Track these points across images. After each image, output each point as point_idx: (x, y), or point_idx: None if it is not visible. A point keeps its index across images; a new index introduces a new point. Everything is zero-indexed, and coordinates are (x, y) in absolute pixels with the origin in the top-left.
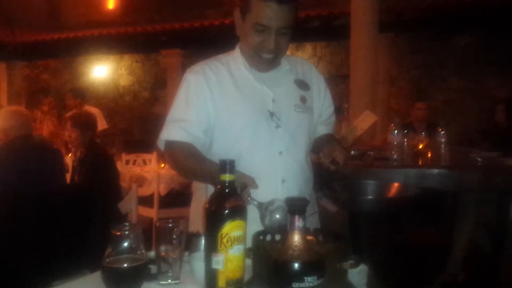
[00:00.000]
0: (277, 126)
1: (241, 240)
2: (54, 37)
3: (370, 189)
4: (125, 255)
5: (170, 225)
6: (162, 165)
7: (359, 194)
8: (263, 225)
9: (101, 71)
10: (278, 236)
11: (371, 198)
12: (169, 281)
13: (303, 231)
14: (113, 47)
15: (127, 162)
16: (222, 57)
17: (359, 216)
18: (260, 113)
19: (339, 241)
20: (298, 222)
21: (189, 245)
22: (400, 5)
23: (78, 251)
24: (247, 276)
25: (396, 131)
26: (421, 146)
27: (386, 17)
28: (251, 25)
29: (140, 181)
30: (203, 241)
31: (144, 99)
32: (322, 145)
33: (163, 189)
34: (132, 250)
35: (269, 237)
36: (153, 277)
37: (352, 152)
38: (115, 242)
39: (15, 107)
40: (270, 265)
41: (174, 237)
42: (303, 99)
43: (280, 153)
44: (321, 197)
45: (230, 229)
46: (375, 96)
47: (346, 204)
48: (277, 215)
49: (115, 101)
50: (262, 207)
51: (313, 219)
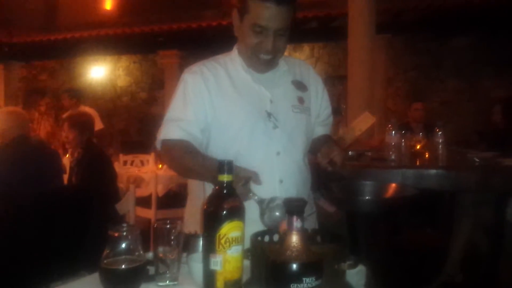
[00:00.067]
0: (275, 127)
1: (239, 241)
2: (51, 38)
3: (367, 189)
4: (123, 256)
5: (168, 226)
6: (160, 166)
7: (356, 194)
8: (262, 222)
9: (99, 72)
10: (276, 237)
11: (369, 199)
12: (167, 282)
13: (301, 231)
14: (111, 48)
15: (125, 163)
16: (220, 57)
17: (357, 217)
18: (257, 113)
19: (337, 241)
20: (296, 223)
21: (187, 246)
22: (397, 7)
23: (76, 252)
24: (245, 277)
25: (393, 132)
26: (418, 147)
27: (383, 18)
28: (249, 26)
29: (138, 182)
30: (201, 242)
31: (141, 99)
32: (319, 146)
33: (161, 190)
34: (130, 251)
35: (267, 238)
36: (151, 278)
37: (350, 153)
38: (113, 243)
39: (12, 108)
40: (268, 266)
41: (172, 238)
42: (300, 100)
43: (278, 153)
44: (319, 198)
45: (228, 230)
46: (372, 96)
47: (344, 204)
48: (277, 212)
49: (112, 102)
50: (263, 203)
51: (311, 220)
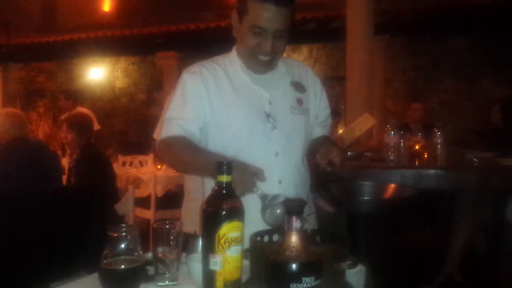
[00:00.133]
0: (273, 128)
1: (238, 241)
2: (50, 39)
3: (367, 190)
4: (122, 257)
5: (167, 226)
6: (159, 167)
7: (356, 195)
8: (262, 217)
9: (97, 73)
10: (276, 237)
11: (368, 199)
12: (167, 282)
13: (300, 232)
14: (109, 49)
15: (124, 163)
16: (219, 58)
17: (356, 217)
18: (256, 114)
19: (336, 242)
20: (296, 223)
21: (186, 246)
22: (396, 8)
23: (76, 252)
24: (245, 277)
25: (392, 132)
26: (417, 147)
27: (381, 19)
28: (248, 27)
29: (137, 182)
30: (200, 242)
31: (140, 101)
32: (318, 147)
33: (159, 191)
34: (129, 251)
35: (266, 238)
36: (151, 279)
37: (349, 153)
38: (112, 243)
39: (10, 109)
40: (268, 266)
41: (172, 238)
42: (299, 101)
43: (277, 154)
44: (318, 198)
45: (228, 230)
46: (371, 97)
47: (343, 205)
48: (279, 210)
49: (111, 103)
50: (266, 199)
51: (310, 220)
